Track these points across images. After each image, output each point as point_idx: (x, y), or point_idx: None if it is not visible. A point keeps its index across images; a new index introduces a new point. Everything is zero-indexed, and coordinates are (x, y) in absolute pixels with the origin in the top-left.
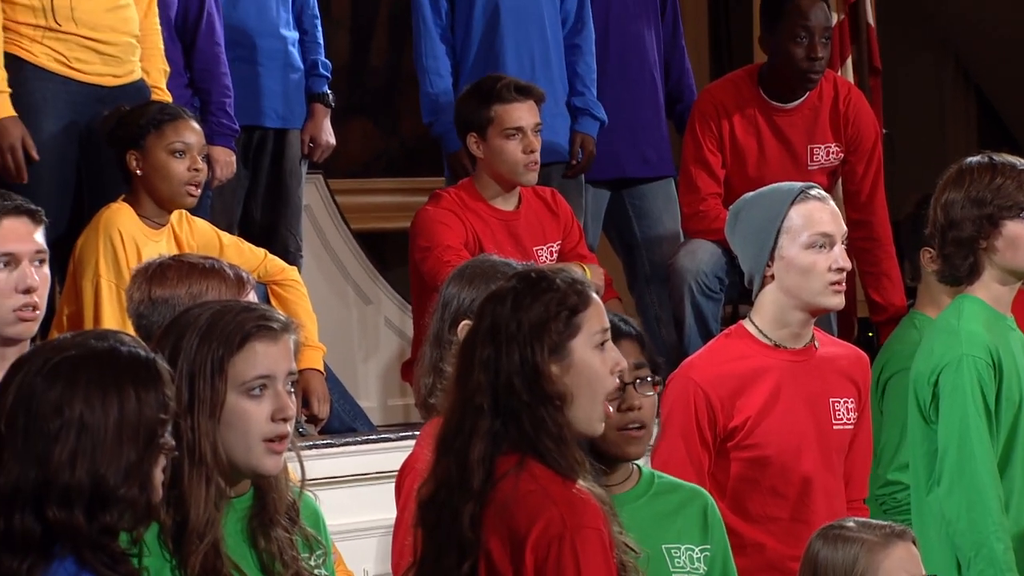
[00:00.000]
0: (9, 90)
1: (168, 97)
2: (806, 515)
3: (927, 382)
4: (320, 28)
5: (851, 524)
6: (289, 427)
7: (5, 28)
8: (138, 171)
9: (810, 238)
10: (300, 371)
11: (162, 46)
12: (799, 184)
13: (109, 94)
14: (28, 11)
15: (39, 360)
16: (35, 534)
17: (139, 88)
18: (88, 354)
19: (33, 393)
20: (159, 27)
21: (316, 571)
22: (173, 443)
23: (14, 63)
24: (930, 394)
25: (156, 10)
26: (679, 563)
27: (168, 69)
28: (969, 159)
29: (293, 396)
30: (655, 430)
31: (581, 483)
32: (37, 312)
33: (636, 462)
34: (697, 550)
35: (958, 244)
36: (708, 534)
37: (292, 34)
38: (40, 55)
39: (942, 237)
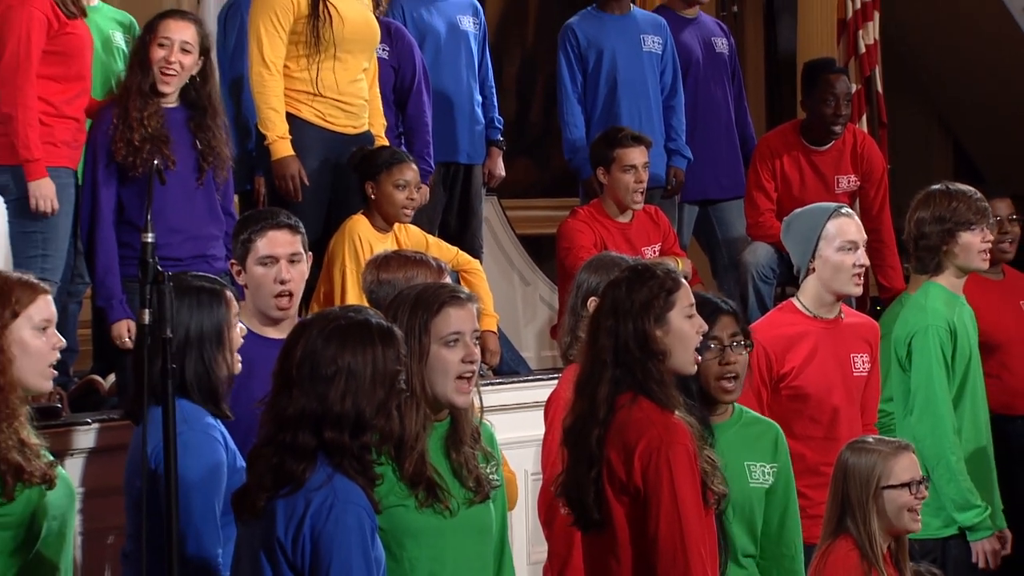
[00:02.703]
0: (290, 136)
1: (386, 143)
2: (834, 434)
3: (903, 343)
4: (496, 94)
5: (870, 440)
6: (475, 368)
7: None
8: (372, 195)
9: (841, 243)
10: (480, 332)
11: (381, 108)
12: (833, 204)
13: (350, 140)
14: (301, 82)
15: (318, 326)
16: (311, 447)
17: (369, 137)
18: (352, 323)
19: (316, 349)
20: (379, 95)
21: (491, 476)
22: (406, 387)
23: (289, 119)
24: (905, 351)
25: (378, 83)
26: (755, 476)
27: (386, 123)
28: (932, 187)
29: (477, 347)
30: None
31: (677, 413)
32: (292, 297)
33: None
34: (768, 467)
35: (927, 250)
36: (776, 455)
37: (477, 97)
38: (306, 113)
39: (915, 244)
